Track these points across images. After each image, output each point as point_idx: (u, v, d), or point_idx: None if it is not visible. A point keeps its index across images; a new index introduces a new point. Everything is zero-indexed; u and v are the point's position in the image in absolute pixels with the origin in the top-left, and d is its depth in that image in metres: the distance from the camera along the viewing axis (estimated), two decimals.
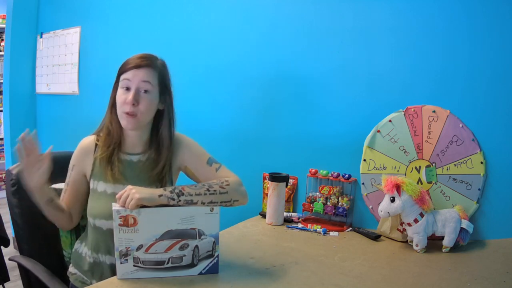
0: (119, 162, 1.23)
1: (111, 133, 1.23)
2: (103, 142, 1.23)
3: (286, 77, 1.90)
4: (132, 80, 1.17)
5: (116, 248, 1.07)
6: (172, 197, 1.09)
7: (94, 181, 1.23)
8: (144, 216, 1.07)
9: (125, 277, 1.08)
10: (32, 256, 1.34)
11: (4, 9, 3.78)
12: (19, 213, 1.38)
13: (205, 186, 1.15)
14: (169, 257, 1.10)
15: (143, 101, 1.17)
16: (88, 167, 1.25)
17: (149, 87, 1.18)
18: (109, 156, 1.22)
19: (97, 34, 2.72)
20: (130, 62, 1.19)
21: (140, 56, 1.20)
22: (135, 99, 1.16)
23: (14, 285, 2.25)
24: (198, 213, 1.12)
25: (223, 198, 1.15)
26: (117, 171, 1.21)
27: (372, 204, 1.68)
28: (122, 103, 1.17)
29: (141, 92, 1.17)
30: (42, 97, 3.13)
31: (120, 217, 1.05)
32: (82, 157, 1.26)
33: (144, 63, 1.18)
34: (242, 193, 1.21)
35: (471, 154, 1.51)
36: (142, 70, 1.17)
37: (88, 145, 1.26)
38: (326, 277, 1.17)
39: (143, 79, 1.17)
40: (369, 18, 1.68)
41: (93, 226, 1.22)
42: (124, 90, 1.18)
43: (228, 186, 1.17)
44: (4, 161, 3.98)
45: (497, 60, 1.46)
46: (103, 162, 1.21)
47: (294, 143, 1.89)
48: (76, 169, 1.26)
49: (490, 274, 1.23)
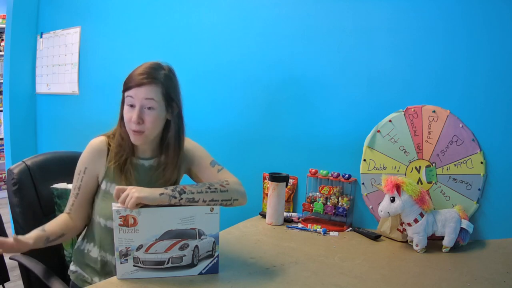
0: (132, 167, 1.23)
1: (122, 146, 1.23)
2: (115, 152, 1.22)
3: (286, 77, 1.90)
4: (135, 98, 1.16)
5: (116, 248, 1.07)
6: (174, 195, 1.10)
7: (107, 182, 1.23)
8: (144, 216, 1.07)
9: (125, 277, 1.08)
10: (32, 255, 1.34)
11: (4, 9, 3.78)
12: (20, 212, 1.39)
13: (206, 184, 1.16)
14: (169, 257, 1.10)
15: (148, 117, 1.17)
16: (101, 168, 1.23)
17: (153, 103, 1.16)
18: (122, 165, 1.22)
19: (97, 34, 2.72)
20: (132, 79, 1.17)
21: (141, 72, 1.17)
22: (140, 118, 1.16)
23: (14, 285, 2.25)
24: (198, 213, 1.12)
25: (223, 197, 1.16)
26: (131, 177, 1.21)
27: (372, 204, 1.68)
28: (128, 121, 1.18)
29: (145, 109, 1.17)
30: (42, 97, 3.13)
31: (120, 217, 1.05)
32: (94, 159, 1.23)
33: (146, 81, 1.16)
34: (241, 193, 1.22)
35: (471, 154, 1.51)
36: (144, 88, 1.15)
37: (100, 146, 1.24)
38: (326, 277, 1.17)
39: (146, 97, 1.16)
40: (369, 18, 1.68)
41: (103, 227, 1.22)
42: (129, 107, 1.18)
43: (228, 185, 1.19)
44: (4, 161, 3.98)
45: (497, 60, 1.46)
46: (117, 170, 1.21)
47: (294, 143, 1.89)
48: (89, 172, 1.23)
49: (490, 274, 1.23)
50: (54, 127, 3.06)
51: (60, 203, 1.42)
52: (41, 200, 1.44)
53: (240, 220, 1.72)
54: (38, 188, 1.44)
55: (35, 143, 3.20)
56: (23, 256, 1.34)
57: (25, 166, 1.44)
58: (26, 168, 1.43)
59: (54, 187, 1.44)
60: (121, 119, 1.23)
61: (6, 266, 1.69)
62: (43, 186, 1.44)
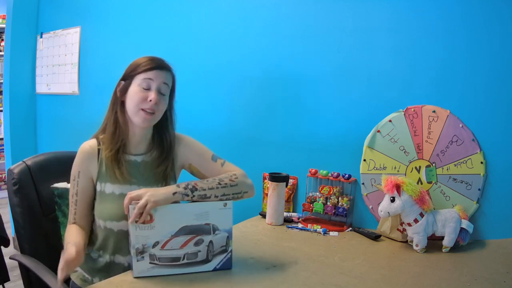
0: (125, 163, 1.24)
1: (118, 131, 1.23)
2: (108, 141, 1.22)
3: (286, 77, 1.90)
4: (155, 80, 1.19)
5: (132, 246, 1.07)
6: (186, 193, 1.12)
7: (101, 183, 1.23)
8: (160, 213, 1.08)
9: (141, 275, 1.08)
10: (33, 255, 1.34)
11: (4, 9, 3.78)
12: (20, 212, 1.39)
13: (216, 180, 1.19)
14: (184, 253, 1.11)
15: (161, 100, 1.21)
16: (94, 170, 1.23)
17: (166, 90, 1.23)
18: (114, 155, 1.21)
19: (97, 34, 2.72)
20: (151, 62, 1.21)
21: (159, 58, 1.23)
22: (157, 99, 1.19)
23: (14, 285, 2.25)
24: (213, 209, 1.14)
25: (234, 190, 1.20)
26: (124, 170, 1.21)
27: (372, 204, 1.68)
28: (141, 101, 1.18)
29: (159, 93, 1.20)
30: (42, 97, 3.13)
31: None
32: (86, 162, 1.23)
33: (166, 66, 1.23)
34: (249, 185, 1.26)
35: (471, 154, 1.52)
36: (164, 72, 1.21)
37: (90, 149, 1.24)
38: (326, 277, 1.17)
39: (165, 81, 1.21)
40: (369, 18, 1.68)
41: (103, 228, 1.21)
42: (142, 88, 1.19)
43: (237, 179, 1.22)
44: (4, 161, 3.98)
45: (497, 60, 1.46)
46: (110, 162, 1.21)
47: (294, 143, 1.89)
48: (83, 175, 1.23)
49: (490, 274, 1.23)
50: (54, 127, 3.06)
51: (60, 203, 1.42)
52: (41, 200, 1.44)
53: (240, 220, 1.72)
54: (38, 188, 1.44)
55: (35, 143, 3.20)
56: (23, 256, 1.34)
57: (25, 166, 1.44)
58: (27, 168, 1.43)
59: (55, 186, 1.44)
60: (114, 104, 1.24)
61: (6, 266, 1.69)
62: (43, 186, 1.44)
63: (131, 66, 1.23)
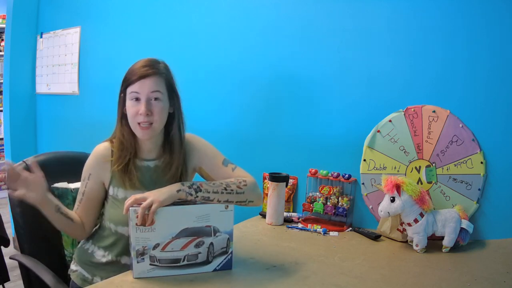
0: (136, 169, 1.23)
1: (124, 145, 1.22)
2: (117, 155, 1.21)
3: (286, 77, 1.90)
4: (141, 91, 1.16)
5: (132, 247, 1.07)
6: (190, 192, 1.11)
7: (114, 187, 1.23)
8: (161, 215, 1.08)
9: (141, 276, 1.09)
10: (33, 255, 1.34)
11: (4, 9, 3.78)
12: (20, 212, 1.38)
13: (223, 184, 1.17)
14: (185, 254, 1.11)
15: (155, 109, 1.17)
16: (106, 174, 1.23)
17: (159, 95, 1.17)
18: (125, 166, 1.21)
19: (97, 34, 2.72)
20: (134, 72, 1.17)
21: (143, 64, 1.18)
22: (148, 110, 1.15)
23: (14, 285, 2.25)
24: (214, 211, 1.13)
25: (239, 198, 1.17)
26: (135, 179, 1.21)
27: (372, 204, 1.68)
28: (134, 115, 1.17)
29: (152, 100, 1.17)
30: (42, 97, 3.13)
31: (137, 217, 1.05)
32: (99, 166, 1.23)
33: (150, 72, 1.16)
34: (257, 194, 1.23)
35: (471, 154, 1.51)
36: (148, 80, 1.16)
37: (104, 152, 1.24)
38: (326, 277, 1.17)
39: (152, 89, 1.16)
40: (369, 19, 1.68)
41: (115, 232, 1.22)
42: (133, 101, 1.17)
43: (246, 187, 1.20)
44: (4, 161, 3.98)
45: (497, 60, 1.46)
46: (120, 173, 1.21)
47: (294, 143, 1.89)
48: (93, 178, 1.23)
49: (490, 274, 1.23)
50: (54, 127, 3.06)
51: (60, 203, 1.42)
52: None
53: (240, 220, 1.72)
54: None
55: (35, 143, 3.20)
56: (23, 256, 1.34)
57: (26, 166, 1.44)
58: (27, 168, 1.43)
59: (55, 186, 1.44)
60: (120, 118, 1.23)
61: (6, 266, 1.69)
62: None
63: (124, 77, 1.20)
